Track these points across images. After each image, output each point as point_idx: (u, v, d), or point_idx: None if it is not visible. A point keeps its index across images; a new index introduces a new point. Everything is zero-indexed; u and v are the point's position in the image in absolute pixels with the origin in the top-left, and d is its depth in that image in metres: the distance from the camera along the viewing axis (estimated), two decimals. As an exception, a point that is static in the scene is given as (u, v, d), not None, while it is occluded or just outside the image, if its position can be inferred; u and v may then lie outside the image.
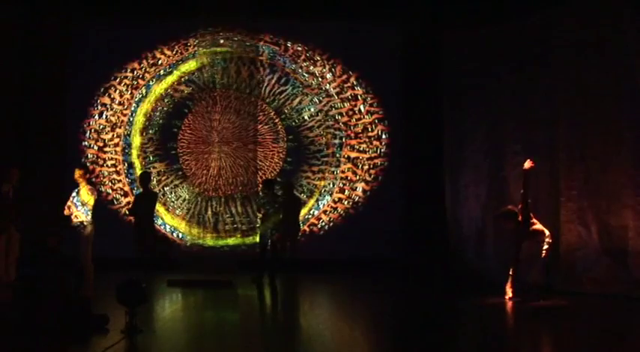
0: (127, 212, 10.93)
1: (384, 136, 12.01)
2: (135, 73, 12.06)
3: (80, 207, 8.18)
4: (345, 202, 11.94)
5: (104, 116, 12.01)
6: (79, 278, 7.88)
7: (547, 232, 8.40)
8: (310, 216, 11.89)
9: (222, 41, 11.98)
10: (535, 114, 9.86)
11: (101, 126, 11.98)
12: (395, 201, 11.75)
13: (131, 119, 12.02)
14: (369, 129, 12.04)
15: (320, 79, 12.11)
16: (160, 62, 12.08)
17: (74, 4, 11.59)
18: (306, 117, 12.07)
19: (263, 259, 9.98)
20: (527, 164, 8.38)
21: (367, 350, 6.18)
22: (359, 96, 12.09)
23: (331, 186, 11.98)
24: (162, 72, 12.08)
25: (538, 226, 8.45)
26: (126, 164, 11.98)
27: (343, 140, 12.04)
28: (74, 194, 8.27)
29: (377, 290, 9.77)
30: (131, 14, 11.77)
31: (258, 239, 10.30)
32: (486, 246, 10.42)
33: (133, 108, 12.03)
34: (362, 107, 12.07)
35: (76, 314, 6.19)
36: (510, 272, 8.39)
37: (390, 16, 11.87)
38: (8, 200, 8.50)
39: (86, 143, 11.96)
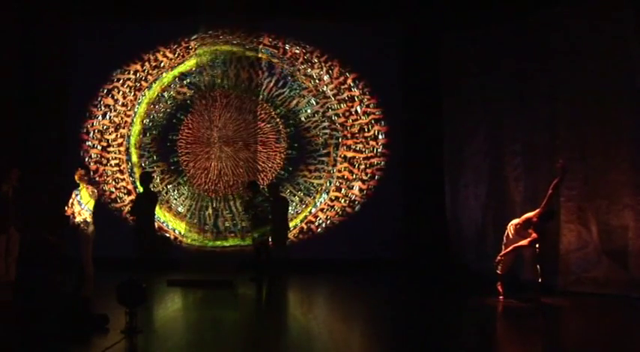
0: (130, 211, 10.97)
1: (380, 136, 12.01)
2: (137, 75, 12.08)
3: (83, 206, 8.18)
4: (342, 200, 11.94)
5: (107, 117, 12.04)
6: (79, 278, 7.90)
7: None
8: (308, 214, 11.90)
9: (222, 43, 11.98)
10: (535, 114, 9.85)
11: (105, 127, 12.01)
12: (395, 202, 11.75)
13: (134, 120, 12.05)
14: (366, 130, 12.05)
15: (317, 81, 12.11)
16: (162, 64, 12.10)
17: (74, 4, 11.59)
18: (303, 119, 12.08)
19: (260, 259, 9.99)
20: (561, 164, 8.20)
21: (366, 350, 6.18)
22: (356, 98, 12.09)
23: (328, 184, 11.99)
24: (164, 74, 12.10)
25: None
26: (129, 163, 12.02)
27: (340, 140, 12.04)
28: (76, 192, 8.28)
29: (376, 290, 9.77)
30: (131, 14, 11.77)
31: (251, 240, 10.31)
32: (486, 246, 10.41)
33: (136, 110, 12.06)
34: (358, 108, 12.07)
35: (76, 314, 6.20)
36: (499, 271, 8.41)
37: (389, 16, 11.87)
38: (8, 200, 8.51)
39: (90, 143, 12.00)
